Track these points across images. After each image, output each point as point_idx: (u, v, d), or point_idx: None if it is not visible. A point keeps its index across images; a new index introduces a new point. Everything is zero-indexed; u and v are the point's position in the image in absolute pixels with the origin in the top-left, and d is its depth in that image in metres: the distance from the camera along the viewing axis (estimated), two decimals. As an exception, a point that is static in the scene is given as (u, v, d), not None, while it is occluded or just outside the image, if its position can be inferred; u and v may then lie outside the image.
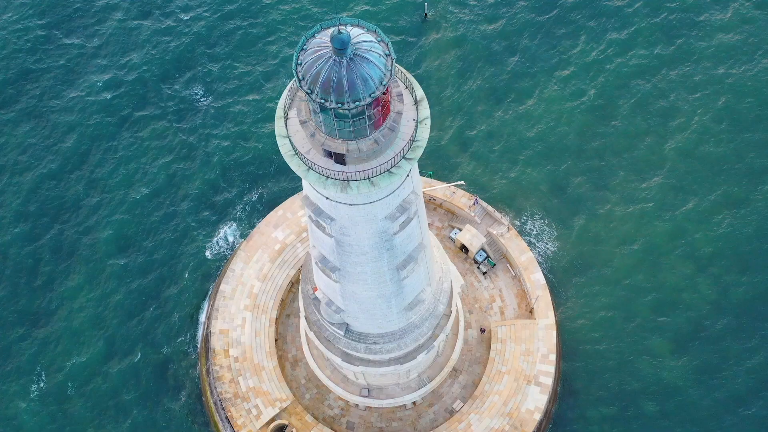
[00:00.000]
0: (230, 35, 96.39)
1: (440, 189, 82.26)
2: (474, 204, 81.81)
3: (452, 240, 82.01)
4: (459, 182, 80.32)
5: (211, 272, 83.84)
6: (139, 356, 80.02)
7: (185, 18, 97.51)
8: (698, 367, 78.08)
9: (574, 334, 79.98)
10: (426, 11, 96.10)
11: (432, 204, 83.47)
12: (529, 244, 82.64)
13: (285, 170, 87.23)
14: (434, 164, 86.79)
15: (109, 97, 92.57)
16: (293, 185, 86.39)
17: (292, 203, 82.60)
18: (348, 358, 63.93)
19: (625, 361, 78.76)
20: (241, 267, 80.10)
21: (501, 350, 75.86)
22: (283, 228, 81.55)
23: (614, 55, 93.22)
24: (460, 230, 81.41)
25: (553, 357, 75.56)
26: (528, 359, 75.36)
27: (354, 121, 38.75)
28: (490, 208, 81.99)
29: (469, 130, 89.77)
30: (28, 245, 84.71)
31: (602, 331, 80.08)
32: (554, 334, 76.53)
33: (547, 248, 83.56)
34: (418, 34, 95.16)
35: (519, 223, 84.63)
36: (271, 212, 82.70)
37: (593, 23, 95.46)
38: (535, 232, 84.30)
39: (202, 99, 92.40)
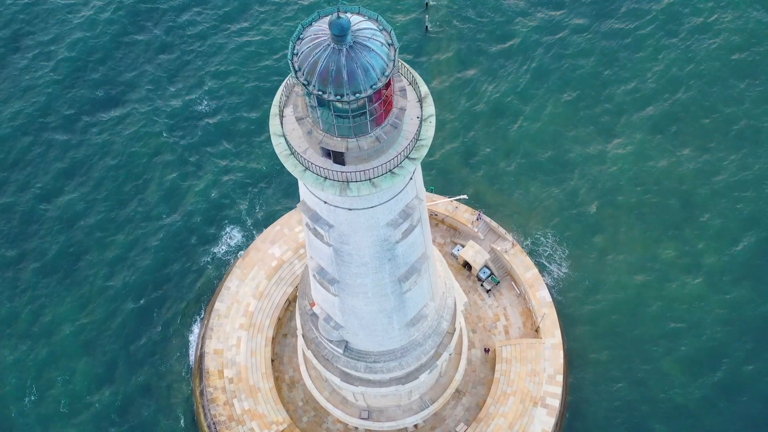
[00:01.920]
0: (233, 49, 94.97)
1: (442, 204, 79.94)
2: (477, 219, 79.45)
3: (455, 257, 79.60)
4: (461, 196, 77.93)
5: (205, 290, 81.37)
6: (131, 377, 77.57)
7: (187, 32, 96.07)
8: (711, 390, 75.46)
9: (581, 353, 77.35)
10: (427, 24, 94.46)
11: (434, 220, 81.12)
12: (541, 265, 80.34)
13: (282, 184, 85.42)
14: (436, 181, 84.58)
15: (105, 111, 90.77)
16: (291, 200, 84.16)
17: (290, 218, 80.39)
18: (347, 377, 61.34)
19: (635, 383, 76.20)
20: (236, 284, 77.68)
21: (506, 371, 73.30)
22: (280, 244, 79.22)
23: (624, 72, 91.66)
24: (463, 246, 79.05)
25: (560, 378, 73.02)
26: (534, 380, 72.81)
27: (354, 116, 36.25)
28: (493, 224, 79.68)
29: (472, 145, 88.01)
30: (20, 263, 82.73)
31: (611, 350, 77.63)
32: (561, 353, 74.11)
33: (559, 268, 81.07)
34: (419, 47, 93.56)
35: (530, 244, 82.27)
36: (268, 228, 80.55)
37: (600, 40, 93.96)
38: (548, 253, 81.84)
39: (202, 113, 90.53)
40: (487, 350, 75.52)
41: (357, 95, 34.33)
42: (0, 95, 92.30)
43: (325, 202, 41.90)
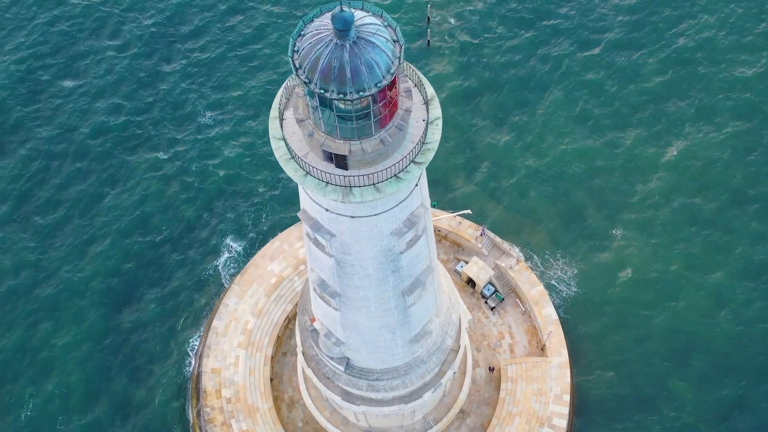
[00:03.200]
0: (237, 64, 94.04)
1: (445, 219, 78.35)
2: (481, 235, 77.84)
3: (458, 273, 77.89)
4: (465, 211, 76.43)
5: (203, 307, 79.66)
6: (126, 396, 75.72)
7: (187, 48, 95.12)
8: (721, 410, 73.59)
9: (589, 372, 75.52)
10: (429, 38, 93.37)
11: (437, 235, 79.47)
12: (549, 286, 78.69)
13: (282, 201, 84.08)
14: (439, 196, 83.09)
15: (104, 129, 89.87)
16: (291, 216, 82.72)
17: (289, 235, 78.85)
18: (348, 396, 59.48)
19: (644, 403, 74.34)
20: (234, 302, 75.96)
21: (511, 390, 71.50)
22: (279, 261, 77.61)
23: (633, 88, 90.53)
24: (467, 263, 77.37)
25: (567, 397, 71.25)
26: (540, 400, 70.99)
27: (357, 117, 34.60)
28: (498, 239, 78.07)
29: (475, 160, 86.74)
30: (18, 279, 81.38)
31: (619, 370, 75.83)
32: (568, 372, 72.30)
33: (568, 287, 79.33)
34: (421, 61, 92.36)
35: (539, 263, 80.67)
36: (267, 244, 78.96)
37: (607, 55, 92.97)
38: (557, 275, 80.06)
39: (203, 128, 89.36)
40: (491, 369, 73.74)
41: (361, 94, 32.63)
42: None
43: (327, 210, 40.20)
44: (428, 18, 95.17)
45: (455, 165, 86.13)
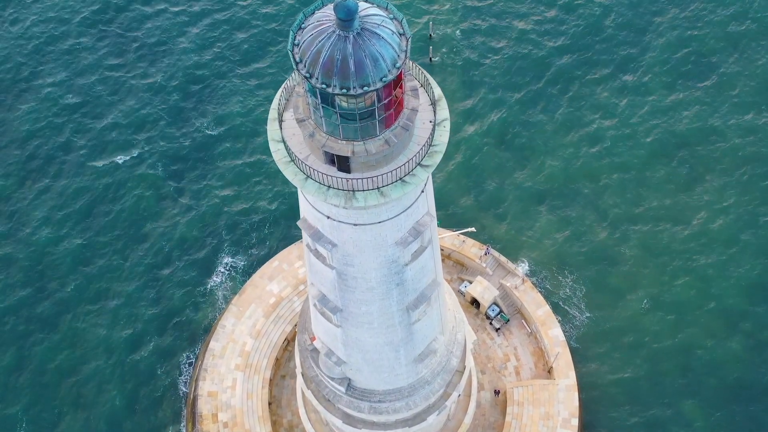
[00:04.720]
0: (237, 86, 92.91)
1: (448, 238, 76.43)
2: (485, 254, 75.86)
3: (462, 294, 75.86)
4: (469, 229, 74.54)
5: (200, 329, 77.74)
6: (121, 420, 73.73)
7: (190, 71, 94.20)
8: (734, 433, 71.64)
9: (597, 396, 73.48)
10: (431, 54, 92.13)
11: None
12: (555, 305, 76.76)
13: (281, 219, 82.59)
14: (441, 214, 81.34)
15: (101, 153, 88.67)
16: (290, 234, 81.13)
17: (289, 254, 77.02)
18: (350, 419, 57.39)
19: (654, 426, 72.31)
20: (232, 323, 73.92)
21: (518, 414, 69.40)
22: (278, 280, 75.73)
23: (638, 105, 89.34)
24: (471, 283, 75.38)
25: (575, 421, 69.20)
26: (548, 424, 68.96)
27: (361, 116, 32.71)
28: (502, 259, 76.17)
29: (479, 177, 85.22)
30: (14, 311, 79.59)
31: (628, 393, 73.86)
32: (576, 395, 70.26)
33: (580, 312, 77.42)
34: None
35: (549, 285, 78.83)
36: (266, 263, 77.08)
37: (612, 68, 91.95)
38: (567, 295, 78.18)
39: (202, 147, 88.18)
40: (497, 392, 71.70)
41: (365, 89, 30.67)
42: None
43: (329, 217, 38.20)
44: (430, 35, 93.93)
45: (458, 183, 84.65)
